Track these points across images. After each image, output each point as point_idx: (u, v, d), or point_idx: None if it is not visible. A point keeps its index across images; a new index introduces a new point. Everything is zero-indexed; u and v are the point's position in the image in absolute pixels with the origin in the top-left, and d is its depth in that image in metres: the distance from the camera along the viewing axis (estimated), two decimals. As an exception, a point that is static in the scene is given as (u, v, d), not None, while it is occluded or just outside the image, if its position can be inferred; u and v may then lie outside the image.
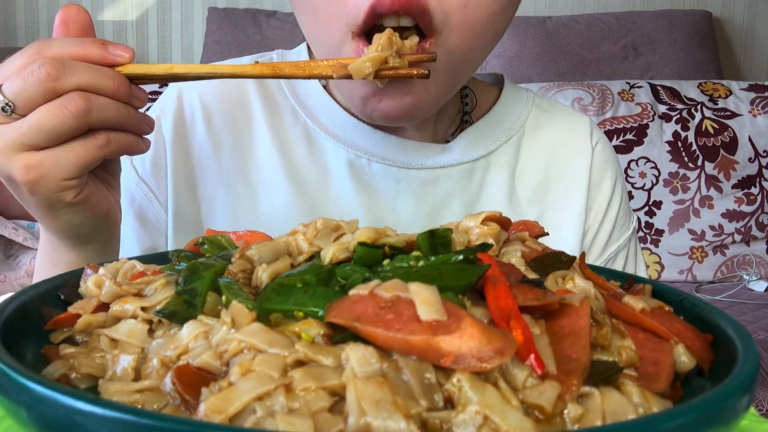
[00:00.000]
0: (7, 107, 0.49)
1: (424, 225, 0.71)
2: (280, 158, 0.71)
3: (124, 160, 0.72)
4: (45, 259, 0.60)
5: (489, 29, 0.60)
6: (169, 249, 0.72)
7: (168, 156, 0.71)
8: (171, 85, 0.75)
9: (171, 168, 0.71)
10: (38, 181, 0.50)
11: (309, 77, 0.53)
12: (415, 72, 0.53)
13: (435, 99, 0.62)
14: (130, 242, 0.72)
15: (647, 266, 1.92)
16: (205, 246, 0.46)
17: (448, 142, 0.73)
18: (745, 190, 1.96)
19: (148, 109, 0.73)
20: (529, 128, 0.76)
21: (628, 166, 1.95)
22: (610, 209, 0.77)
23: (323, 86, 0.73)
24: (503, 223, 0.44)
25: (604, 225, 0.77)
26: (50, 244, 0.59)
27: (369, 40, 0.57)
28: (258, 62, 0.54)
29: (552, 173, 0.76)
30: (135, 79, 0.53)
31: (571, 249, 0.73)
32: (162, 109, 0.73)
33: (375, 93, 0.60)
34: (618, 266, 0.78)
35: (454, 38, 0.58)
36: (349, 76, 0.52)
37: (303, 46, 0.77)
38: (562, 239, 0.73)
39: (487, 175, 0.73)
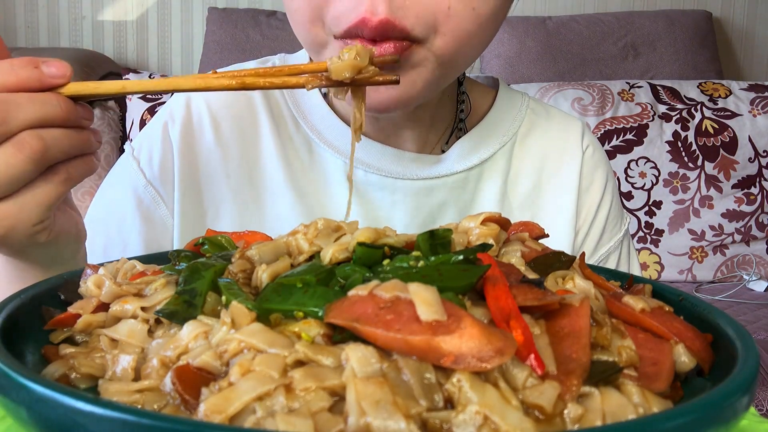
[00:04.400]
0: None
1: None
2: (283, 167, 0.72)
3: (132, 163, 0.73)
4: (10, 278, 0.56)
5: (476, 35, 0.61)
6: (174, 248, 0.72)
7: (176, 161, 0.72)
8: (176, 94, 0.76)
9: (178, 173, 0.72)
10: (9, 234, 0.48)
11: (279, 88, 0.51)
12: (381, 79, 0.52)
13: (421, 93, 0.63)
14: (136, 244, 0.72)
15: (647, 266, 1.93)
16: (205, 246, 0.46)
17: (443, 151, 0.74)
18: (745, 190, 1.96)
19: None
20: (522, 134, 0.77)
21: (628, 166, 1.95)
22: (599, 212, 0.77)
23: (323, 95, 0.74)
24: (503, 223, 0.44)
25: (594, 227, 0.77)
26: (14, 269, 0.55)
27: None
28: (216, 71, 0.50)
29: (543, 178, 0.76)
30: (79, 98, 0.49)
31: None
32: (170, 115, 0.74)
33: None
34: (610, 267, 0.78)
35: (441, 44, 0.59)
36: (323, 85, 0.51)
37: (305, 51, 0.77)
38: (553, 243, 0.74)
39: (480, 183, 0.74)
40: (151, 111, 2.01)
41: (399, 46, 0.57)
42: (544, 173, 0.76)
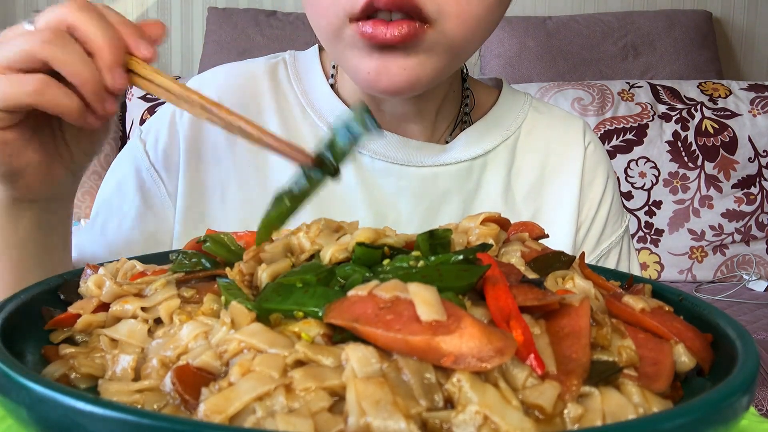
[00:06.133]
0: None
1: (423, 220, 0.73)
2: None
3: (139, 145, 0.74)
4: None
5: (484, 19, 0.62)
6: (174, 241, 0.73)
7: (181, 150, 0.73)
8: (189, 82, 0.77)
9: (184, 161, 0.73)
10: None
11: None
12: None
13: (431, 76, 0.64)
14: (133, 223, 0.73)
15: (647, 266, 1.93)
16: (208, 243, 0.46)
17: (448, 142, 0.75)
18: (745, 190, 1.95)
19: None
20: (525, 130, 0.79)
21: (628, 166, 1.95)
22: (601, 206, 0.79)
23: (330, 85, 0.75)
24: (502, 223, 0.44)
25: (596, 221, 0.79)
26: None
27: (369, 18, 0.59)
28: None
29: (546, 173, 0.78)
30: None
31: (565, 246, 0.76)
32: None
33: (378, 69, 0.62)
34: (611, 263, 0.80)
35: (451, 27, 0.60)
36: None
37: (315, 48, 0.79)
38: (555, 236, 0.76)
39: (485, 173, 0.76)
40: (151, 111, 2.01)
41: (413, 27, 0.58)
42: (547, 167, 0.78)
